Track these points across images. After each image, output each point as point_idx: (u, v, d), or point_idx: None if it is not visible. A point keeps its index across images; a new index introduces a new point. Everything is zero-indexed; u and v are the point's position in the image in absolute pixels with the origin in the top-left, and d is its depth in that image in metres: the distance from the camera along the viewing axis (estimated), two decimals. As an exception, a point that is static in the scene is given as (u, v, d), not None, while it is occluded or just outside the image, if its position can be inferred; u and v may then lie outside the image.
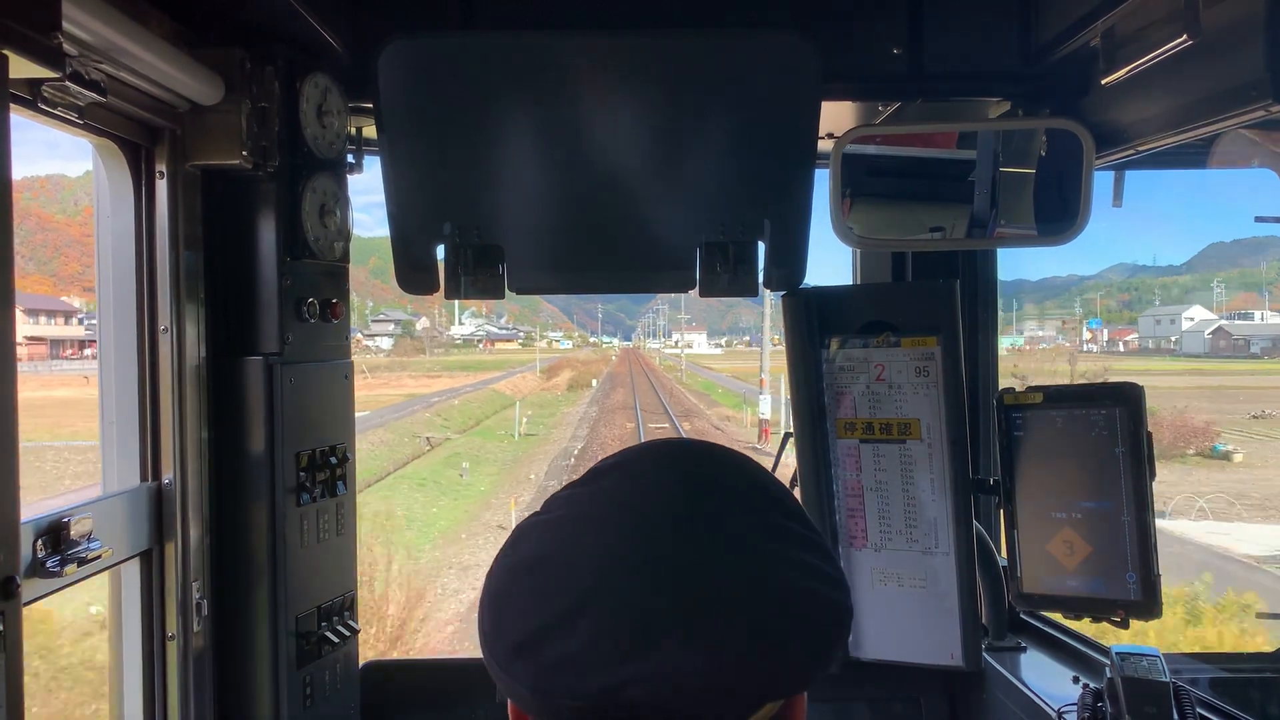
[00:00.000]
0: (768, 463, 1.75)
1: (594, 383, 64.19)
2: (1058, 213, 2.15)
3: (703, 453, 0.89)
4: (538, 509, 0.87)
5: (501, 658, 0.78)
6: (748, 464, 0.89)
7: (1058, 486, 2.04)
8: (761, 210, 2.13)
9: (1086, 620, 2.03)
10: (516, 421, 37.81)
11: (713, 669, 0.73)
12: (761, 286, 2.21)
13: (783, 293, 2.27)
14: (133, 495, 1.82)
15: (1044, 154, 2.20)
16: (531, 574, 0.80)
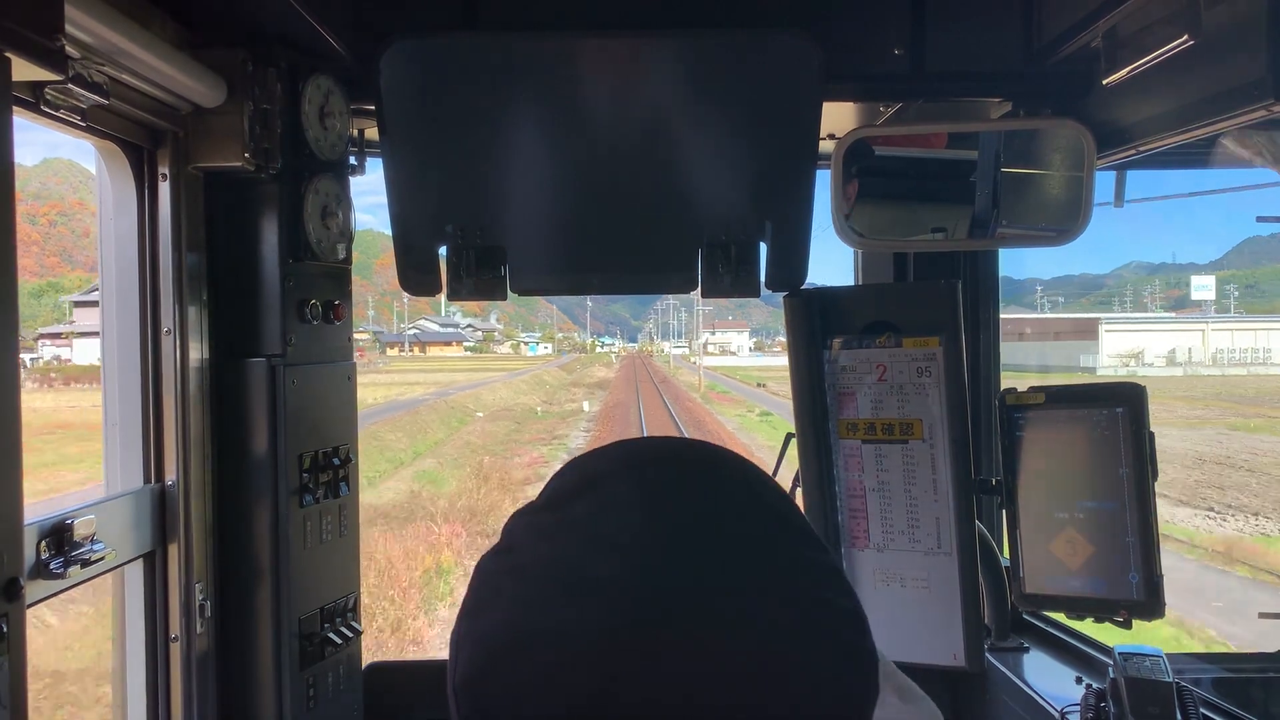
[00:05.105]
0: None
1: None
2: (1059, 213, 2.16)
3: (693, 466, 0.73)
4: (499, 540, 0.73)
5: None
6: (747, 474, 0.74)
7: (1060, 486, 2.04)
8: (763, 211, 2.14)
9: (1089, 620, 2.04)
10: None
11: None
12: (763, 287, 2.21)
13: (784, 293, 2.27)
14: (136, 497, 1.82)
15: (1045, 154, 2.20)
16: (510, 660, 0.65)
